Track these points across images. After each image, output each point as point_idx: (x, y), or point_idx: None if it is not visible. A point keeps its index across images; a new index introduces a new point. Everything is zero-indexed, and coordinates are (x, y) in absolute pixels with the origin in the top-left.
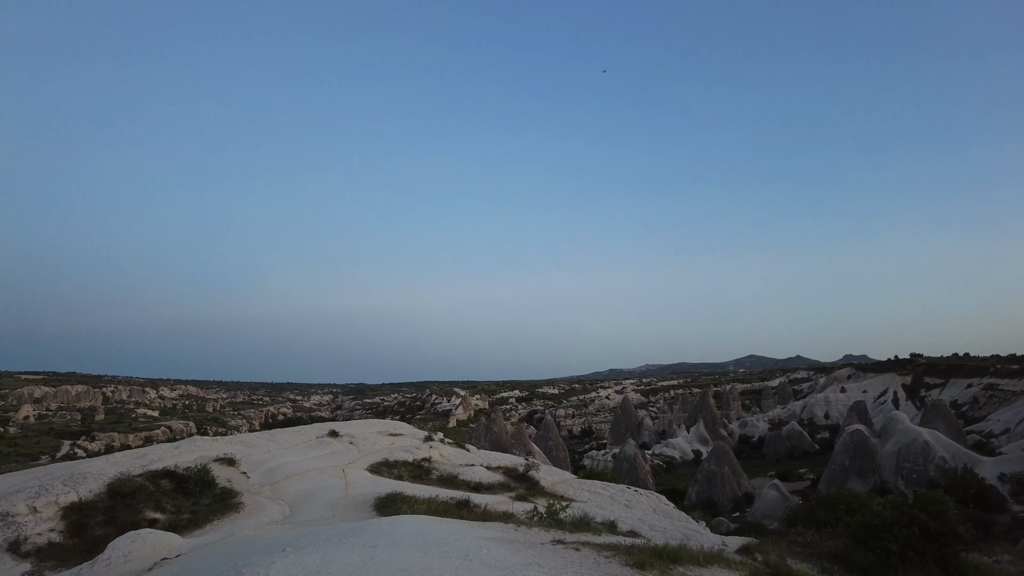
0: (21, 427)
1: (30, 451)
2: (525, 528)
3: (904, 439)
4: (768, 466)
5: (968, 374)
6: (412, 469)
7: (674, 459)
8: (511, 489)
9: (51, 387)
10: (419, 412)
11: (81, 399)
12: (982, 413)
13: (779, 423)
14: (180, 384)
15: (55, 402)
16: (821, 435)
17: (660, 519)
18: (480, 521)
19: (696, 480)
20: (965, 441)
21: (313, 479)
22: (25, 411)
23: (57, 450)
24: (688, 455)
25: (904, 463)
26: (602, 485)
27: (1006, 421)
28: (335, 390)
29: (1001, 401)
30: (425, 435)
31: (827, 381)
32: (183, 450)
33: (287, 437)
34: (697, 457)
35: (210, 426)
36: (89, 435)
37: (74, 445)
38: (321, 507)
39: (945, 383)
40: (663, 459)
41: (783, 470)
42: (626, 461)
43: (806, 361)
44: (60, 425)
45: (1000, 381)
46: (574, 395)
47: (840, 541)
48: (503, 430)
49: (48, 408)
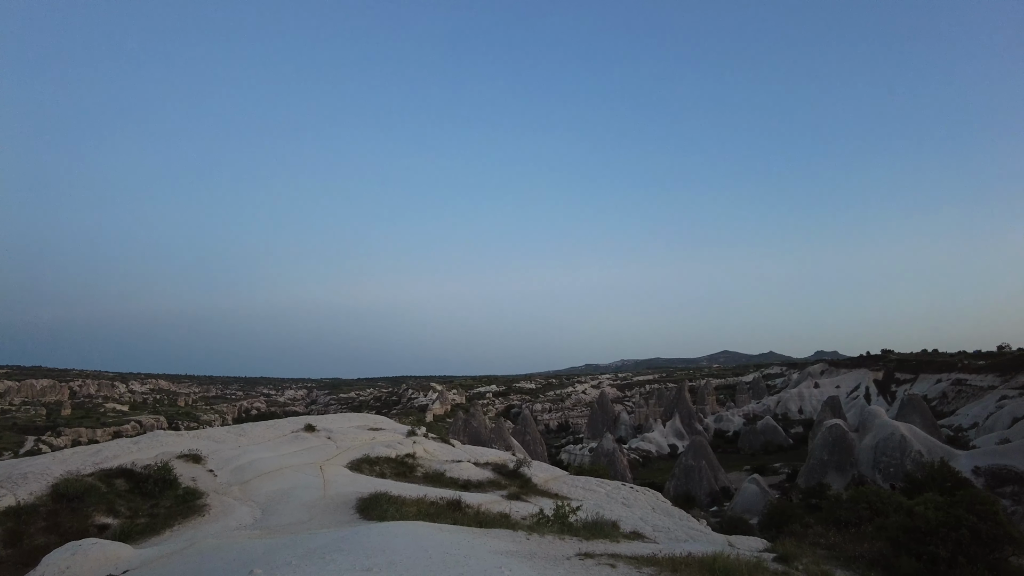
0: None
1: None
2: (538, 537)
3: (881, 433)
4: (743, 460)
5: (937, 370)
6: (395, 466)
7: (650, 453)
8: (502, 487)
9: (15, 381)
10: (395, 407)
11: (47, 393)
12: (951, 408)
13: (754, 418)
14: (151, 378)
15: (19, 396)
16: (795, 430)
17: (661, 518)
18: (481, 527)
19: (674, 474)
20: (940, 435)
21: (288, 477)
22: None
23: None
24: (664, 449)
25: (881, 457)
26: (597, 482)
27: (974, 415)
28: (309, 385)
29: (969, 396)
30: (408, 429)
31: (800, 376)
32: (143, 446)
33: (259, 432)
34: (673, 451)
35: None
36: (55, 430)
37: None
38: (297, 509)
39: (915, 378)
40: (639, 453)
41: (758, 464)
42: (604, 455)
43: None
44: (24, 420)
45: (967, 376)
46: (551, 390)
47: (874, 544)
48: (482, 425)
49: (11, 403)
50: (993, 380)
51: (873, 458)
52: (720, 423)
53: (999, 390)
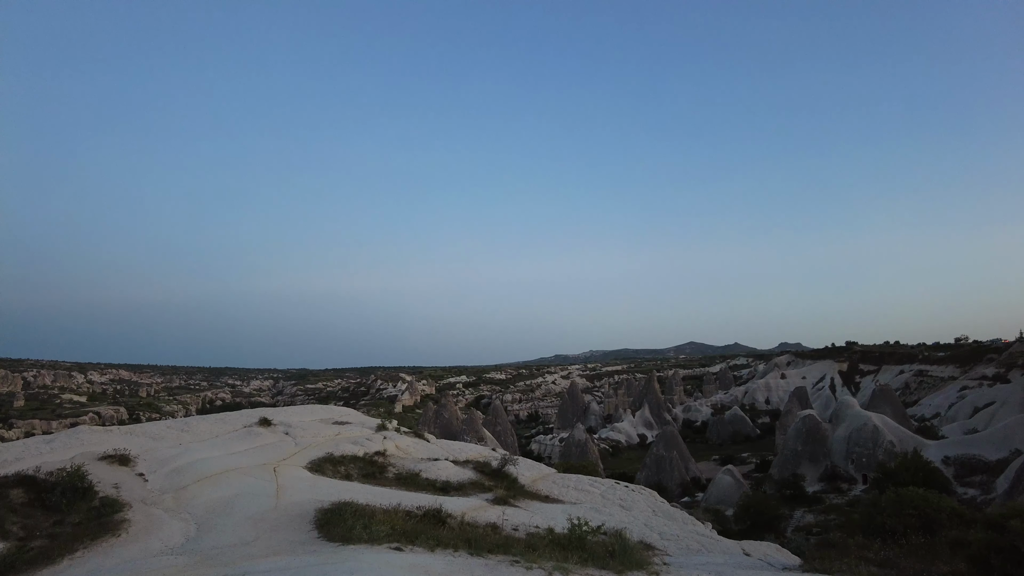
0: None
1: None
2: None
3: (854, 424)
4: (711, 450)
5: (899, 361)
6: (363, 465)
7: (620, 443)
8: (486, 488)
9: None
10: (364, 398)
11: None
12: (913, 398)
13: (722, 408)
14: (111, 368)
15: None
16: (762, 420)
17: (666, 523)
18: (474, 554)
19: (645, 464)
20: (910, 425)
21: (233, 482)
22: None
23: None
24: (634, 439)
25: (855, 448)
26: (589, 481)
27: (936, 406)
28: (276, 375)
29: (930, 387)
30: (377, 423)
31: (767, 367)
32: (58, 445)
33: (206, 426)
34: (642, 441)
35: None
36: (6, 423)
37: None
38: (241, 524)
39: (878, 369)
40: (609, 443)
41: (726, 454)
42: (575, 446)
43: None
44: None
45: (929, 368)
46: (521, 380)
47: (949, 564)
48: (454, 415)
49: None
50: (953, 371)
51: (846, 449)
52: (688, 413)
53: (959, 380)
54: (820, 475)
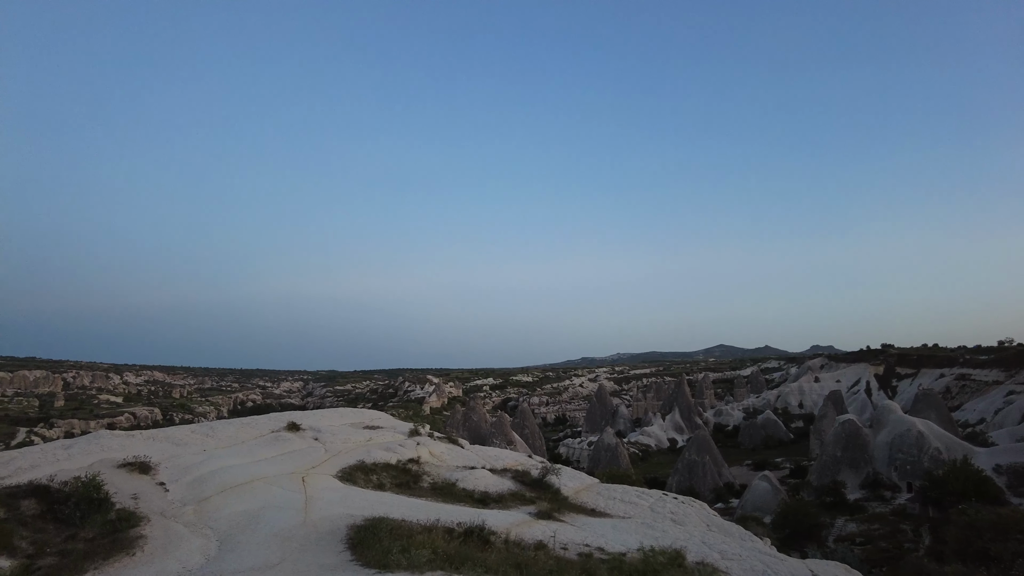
0: None
1: None
2: None
3: (897, 429)
4: (743, 455)
5: (938, 364)
6: (396, 474)
7: (650, 447)
8: (527, 500)
9: (7, 372)
10: (392, 399)
11: (40, 385)
12: (955, 403)
13: (754, 412)
14: (146, 370)
15: (11, 388)
16: (795, 424)
17: (724, 540)
18: None
19: (676, 469)
20: (956, 431)
21: (259, 494)
22: None
23: (12, 437)
24: (664, 443)
25: (898, 454)
26: (636, 492)
27: (981, 411)
28: (305, 377)
29: (973, 391)
30: (410, 428)
31: (800, 371)
32: (77, 451)
33: (232, 431)
34: (673, 445)
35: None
36: (47, 422)
37: (31, 432)
38: (266, 542)
39: (916, 373)
40: (639, 447)
41: (759, 459)
42: (606, 450)
43: (775, 351)
44: (16, 411)
45: (972, 371)
46: (548, 383)
47: None
48: (483, 419)
49: (4, 394)
50: (998, 375)
51: (889, 455)
52: (720, 417)
53: (1005, 385)
54: (861, 482)
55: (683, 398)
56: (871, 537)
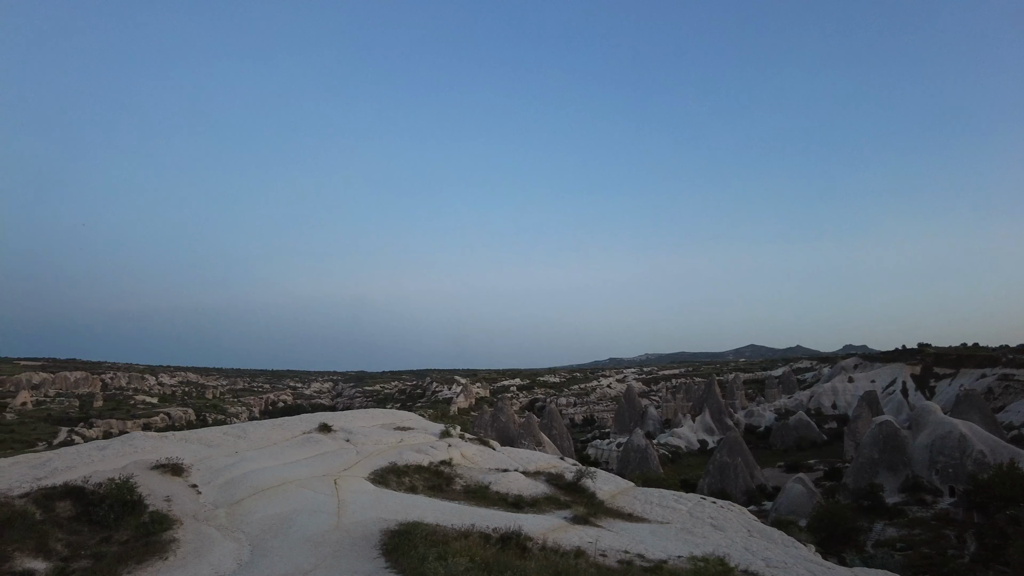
0: (18, 413)
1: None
2: None
3: (938, 431)
4: (775, 456)
5: (979, 364)
6: (429, 476)
7: (680, 448)
8: (562, 504)
9: (50, 373)
10: (420, 400)
11: (80, 385)
12: (998, 404)
13: (786, 413)
14: (180, 371)
15: (53, 388)
16: (829, 425)
17: (767, 547)
18: None
19: (708, 471)
20: (1001, 433)
21: (291, 497)
22: (23, 397)
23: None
24: (694, 445)
25: (939, 456)
26: (674, 496)
27: None
28: (335, 377)
29: (1017, 392)
30: (441, 429)
31: (833, 371)
32: (111, 453)
33: (263, 433)
34: (703, 447)
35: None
36: (87, 422)
37: (71, 432)
38: (298, 548)
39: (955, 373)
40: (669, 448)
41: (792, 460)
42: (635, 451)
43: (806, 351)
44: (58, 412)
45: (1015, 371)
46: (575, 384)
47: None
48: (511, 419)
49: (46, 394)
50: None
51: (929, 458)
52: (751, 418)
53: None
54: (900, 486)
55: (713, 399)
56: (912, 542)
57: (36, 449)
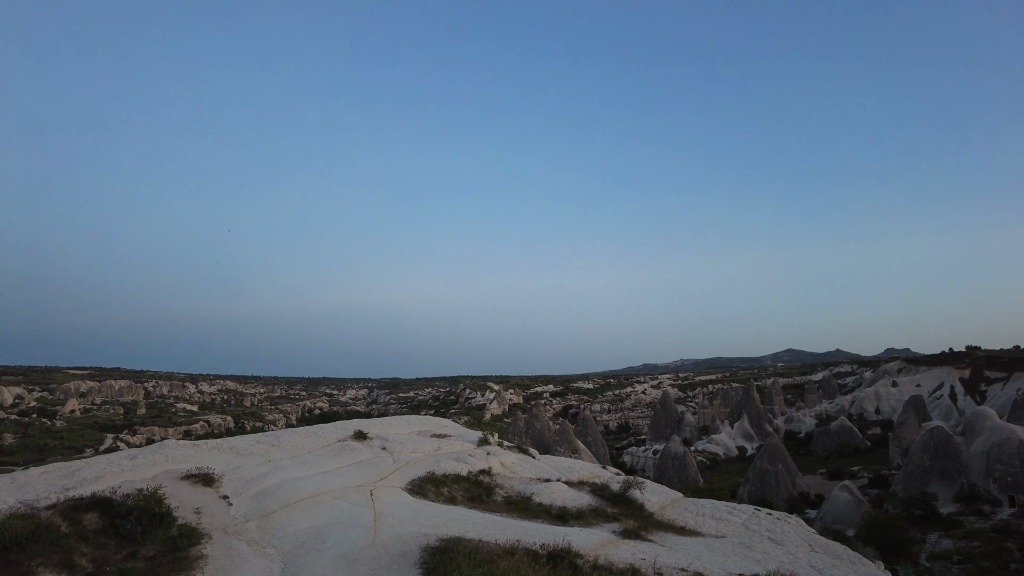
0: (68, 421)
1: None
2: None
3: (995, 438)
4: (817, 463)
5: None
6: (468, 487)
7: (718, 455)
8: (610, 517)
9: (96, 381)
10: (453, 406)
11: (124, 393)
12: None
13: (827, 418)
14: (219, 379)
15: (100, 396)
16: (872, 431)
17: (833, 564)
18: None
19: (748, 478)
20: None
21: (325, 509)
22: (71, 405)
23: (101, 443)
24: (732, 451)
25: (996, 464)
26: (727, 507)
27: None
28: (370, 384)
29: None
30: (479, 437)
31: (876, 375)
32: (141, 462)
33: (298, 441)
34: (742, 454)
35: (247, 420)
36: (131, 429)
37: (116, 439)
38: (333, 566)
39: (1008, 377)
40: (706, 455)
41: (834, 467)
42: (672, 459)
43: (846, 355)
44: (104, 419)
45: None
46: (609, 390)
47: None
48: (546, 426)
49: (93, 402)
50: None
51: (985, 465)
52: (791, 424)
53: None
54: (955, 495)
55: (752, 405)
56: (970, 555)
57: (84, 456)
